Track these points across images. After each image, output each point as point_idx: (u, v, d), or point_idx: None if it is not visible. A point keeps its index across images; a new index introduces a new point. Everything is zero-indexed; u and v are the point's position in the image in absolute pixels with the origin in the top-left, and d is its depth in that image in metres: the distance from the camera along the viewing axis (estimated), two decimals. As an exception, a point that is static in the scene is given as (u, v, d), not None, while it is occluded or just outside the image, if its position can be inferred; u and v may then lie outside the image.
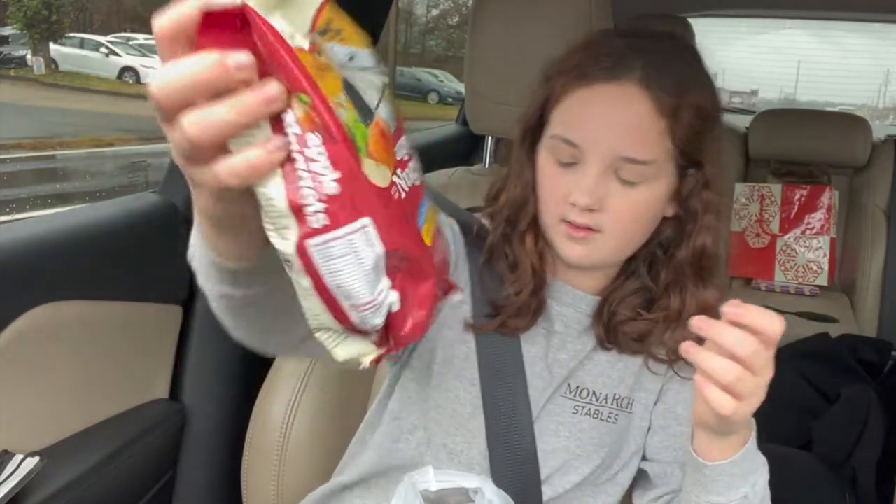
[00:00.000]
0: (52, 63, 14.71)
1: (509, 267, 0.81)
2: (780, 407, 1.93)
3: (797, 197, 2.37)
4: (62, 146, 9.49)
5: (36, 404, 0.91)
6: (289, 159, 0.38)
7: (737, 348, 0.58)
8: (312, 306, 0.42)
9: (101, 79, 14.44)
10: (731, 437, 0.66)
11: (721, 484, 0.67)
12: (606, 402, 0.80)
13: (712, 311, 0.72)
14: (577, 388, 0.80)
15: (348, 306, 0.42)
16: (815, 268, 2.32)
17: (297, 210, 0.38)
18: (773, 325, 0.58)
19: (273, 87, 0.36)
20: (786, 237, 2.37)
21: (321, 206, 0.38)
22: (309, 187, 0.38)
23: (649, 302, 0.80)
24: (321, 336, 0.44)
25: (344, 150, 0.38)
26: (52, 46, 14.89)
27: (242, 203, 0.42)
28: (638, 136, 0.71)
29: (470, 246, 0.83)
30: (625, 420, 0.81)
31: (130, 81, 14.74)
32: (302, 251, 0.39)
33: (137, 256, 1.05)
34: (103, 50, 15.13)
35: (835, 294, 2.30)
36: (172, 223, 1.12)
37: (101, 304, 0.97)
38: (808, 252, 2.34)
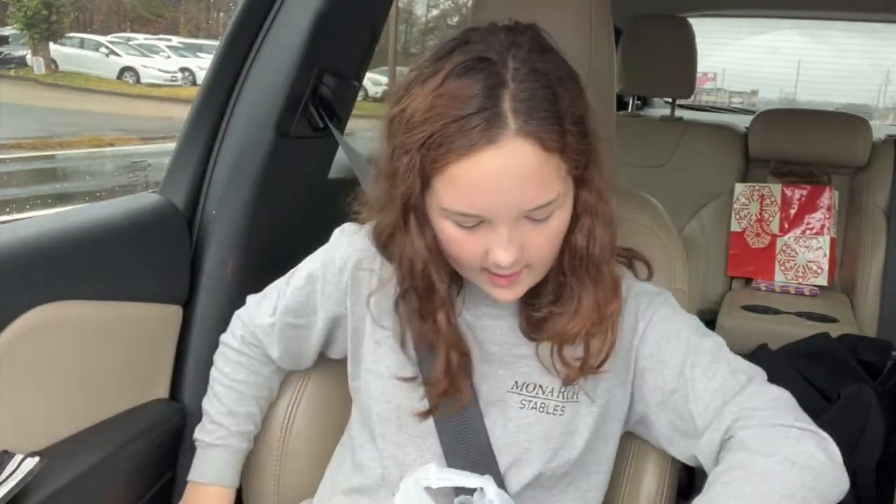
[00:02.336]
0: (52, 63, 14.71)
1: (427, 346, 0.80)
2: (780, 407, 1.93)
3: (797, 197, 2.37)
4: (62, 146, 9.49)
5: (36, 404, 0.91)
6: None
7: None
8: None
9: (101, 79, 14.44)
10: None
11: None
12: (553, 395, 0.81)
13: (602, 311, 0.75)
14: (525, 384, 0.81)
15: None
16: (815, 268, 2.32)
17: None
18: None
19: None
20: (786, 237, 2.36)
21: None
22: None
23: (559, 297, 0.79)
24: None
25: None
26: (52, 46, 14.89)
27: None
28: (538, 185, 0.67)
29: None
30: (572, 410, 0.81)
31: (130, 81, 14.75)
32: None
33: (137, 256, 1.04)
34: (103, 50, 15.13)
35: (835, 294, 2.30)
36: (172, 223, 1.12)
37: (101, 304, 0.97)
38: (808, 252, 2.34)
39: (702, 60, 2.47)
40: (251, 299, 0.99)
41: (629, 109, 2.88)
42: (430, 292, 0.77)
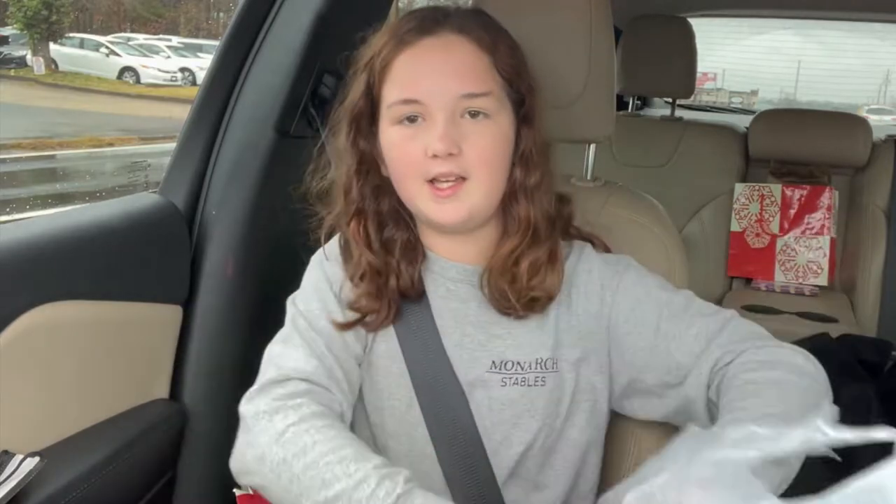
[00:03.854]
0: (52, 63, 14.71)
1: (354, 268, 0.83)
2: (780, 407, 1.93)
3: (797, 197, 2.37)
4: (62, 146, 9.49)
5: (36, 404, 0.91)
6: None
7: None
8: None
9: (101, 79, 14.44)
10: None
11: None
12: (531, 369, 0.82)
13: (538, 233, 0.80)
14: (502, 362, 0.82)
15: None
16: (815, 268, 2.32)
17: None
18: None
19: None
20: (786, 237, 2.37)
21: None
22: None
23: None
24: None
25: None
26: (52, 46, 14.90)
27: None
28: (471, 72, 0.76)
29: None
30: (553, 380, 0.83)
31: (130, 81, 14.75)
32: None
33: (137, 256, 1.05)
34: (103, 50, 15.14)
35: (835, 294, 2.30)
36: (172, 223, 1.12)
37: (101, 304, 0.98)
38: (808, 252, 2.34)
39: (702, 60, 2.47)
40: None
41: (629, 109, 2.88)
42: (347, 195, 0.82)
